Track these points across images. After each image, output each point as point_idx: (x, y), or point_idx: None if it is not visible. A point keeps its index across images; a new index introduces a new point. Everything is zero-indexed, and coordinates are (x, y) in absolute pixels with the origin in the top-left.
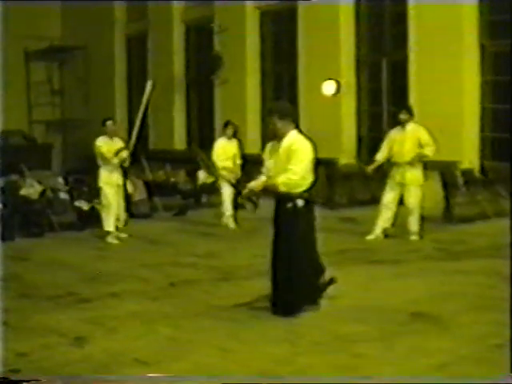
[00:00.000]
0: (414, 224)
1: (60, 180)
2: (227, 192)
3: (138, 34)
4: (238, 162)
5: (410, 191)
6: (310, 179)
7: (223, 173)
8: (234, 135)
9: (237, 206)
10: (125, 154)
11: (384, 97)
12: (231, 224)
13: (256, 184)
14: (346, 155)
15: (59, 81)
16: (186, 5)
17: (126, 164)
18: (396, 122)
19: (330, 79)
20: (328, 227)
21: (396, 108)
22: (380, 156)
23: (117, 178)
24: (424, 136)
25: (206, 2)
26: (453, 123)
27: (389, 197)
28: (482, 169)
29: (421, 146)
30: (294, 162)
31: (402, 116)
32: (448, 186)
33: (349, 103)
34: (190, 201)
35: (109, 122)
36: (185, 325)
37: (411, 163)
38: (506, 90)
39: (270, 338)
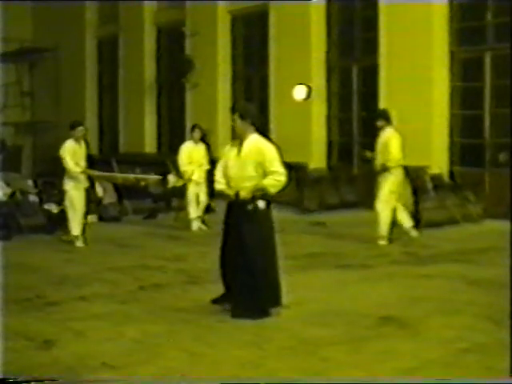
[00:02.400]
0: (382, 228)
1: (29, 182)
2: (191, 195)
3: (110, 37)
4: (205, 167)
5: (378, 196)
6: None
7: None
8: (202, 139)
9: (208, 209)
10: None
11: (354, 102)
12: (195, 227)
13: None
14: (315, 160)
15: (29, 83)
16: (158, 7)
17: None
18: (366, 127)
19: (300, 84)
20: (297, 231)
21: (366, 113)
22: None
23: (83, 181)
24: (392, 139)
25: (178, 5)
26: (422, 128)
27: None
28: (451, 174)
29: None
30: (276, 165)
31: (379, 123)
32: (417, 191)
33: (319, 108)
34: (160, 204)
35: (80, 128)
36: (153, 328)
37: (384, 167)
38: (474, 97)
39: (237, 342)
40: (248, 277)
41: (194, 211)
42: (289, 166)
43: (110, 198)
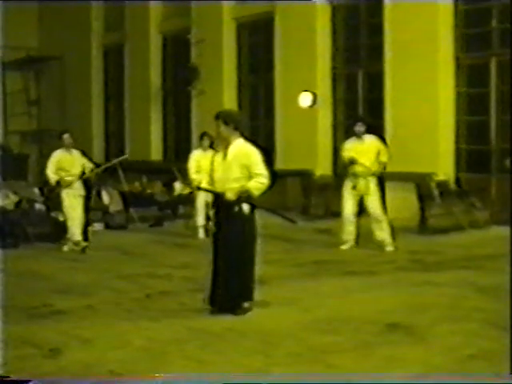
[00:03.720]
0: (386, 235)
1: (36, 191)
2: (200, 203)
3: (115, 45)
4: None
5: (374, 202)
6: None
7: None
8: (211, 147)
9: None
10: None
11: (360, 108)
12: (201, 235)
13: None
14: (321, 167)
15: (36, 91)
16: (163, 16)
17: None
18: (372, 134)
19: (306, 91)
20: (303, 238)
21: (372, 119)
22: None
23: (78, 188)
24: (381, 145)
25: (183, 12)
26: (428, 135)
27: (350, 209)
28: (457, 180)
29: (378, 154)
30: (260, 168)
31: (360, 128)
32: (423, 197)
33: (325, 115)
34: (166, 212)
35: (65, 135)
36: (160, 336)
37: (376, 174)
38: (480, 102)
39: (244, 349)
40: (226, 274)
41: (201, 219)
42: (293, 174)
43: (117, 205)
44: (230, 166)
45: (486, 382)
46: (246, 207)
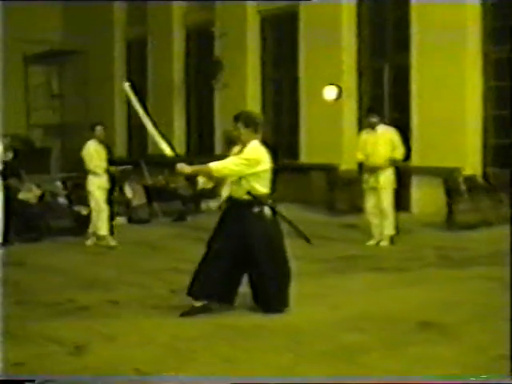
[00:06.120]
0: (388, 228)
1: (59, 184)
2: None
3: (138, 38)
4: None
5: (383, 195)
6: (265, 188)
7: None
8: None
9: None
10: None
11: (386, 102)
12: None
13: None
14: (346, 161)
15: (58, 85)
16: (187, 9)
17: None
18: (397, 128)
19: (331, 84)
20: (329, 234)
21: (398, 114)
22: (361, 156)
23: (105, 181)
24: (396, 139)
25: (207, 6)
26: (455, 129)
27: (370, 203)
28: (485, 175)
29: (393, 148)
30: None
31: (373, 119)
32: (451, 192)
33: (350, 108)
34: (189, 206)
35: (98, 127)
36: (185, 333)
37: (385, 166)
38: (508, 96)
39: (272, 347)
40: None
41: None
42: (318, 168)
43: (140, 199)
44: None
45: (486, 382)
46: (266, 209)
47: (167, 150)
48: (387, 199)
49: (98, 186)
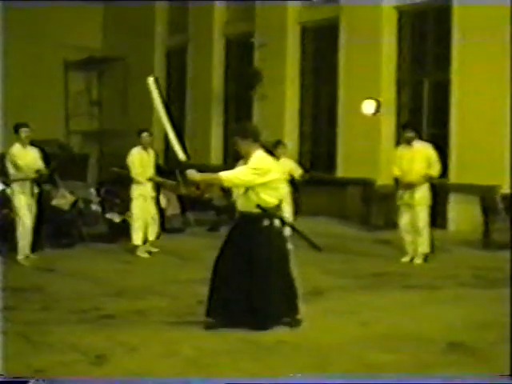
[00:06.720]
0: (422, 246)
1: (92, 191)
2: None
3: (178, 47)
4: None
5: (418, 212)
6: (275, 199)
7: None
8: (270, 151)
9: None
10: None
11: (424, 117)
12: None
13: None
14: (383, 176)
15: (98, 92)
16: (227, 19)
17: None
18: (434, 144)
19: (369, 98)
20: (363, 249)
21: (436, 129)
22: (397, 171)
23: (149, 190)
24: (433, 155)
25: (247, 16)
26: (494, 147)
27: (405, 219)
28: None
29: (429, 165)
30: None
31: (409, 134)
32: (488, 210)
33: (388, 123)
34: (223, 217)
35: (144, 134)
36: (209, 346)
37: (420, 183)
38: None
39: (297, 364)
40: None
41: None
42: (354, 183)
43: (174, 209)
44: None
45: (486, 382)
46: (276, 222)
47: (180, 155)
48: (422, 216)
49: (139, 194)
